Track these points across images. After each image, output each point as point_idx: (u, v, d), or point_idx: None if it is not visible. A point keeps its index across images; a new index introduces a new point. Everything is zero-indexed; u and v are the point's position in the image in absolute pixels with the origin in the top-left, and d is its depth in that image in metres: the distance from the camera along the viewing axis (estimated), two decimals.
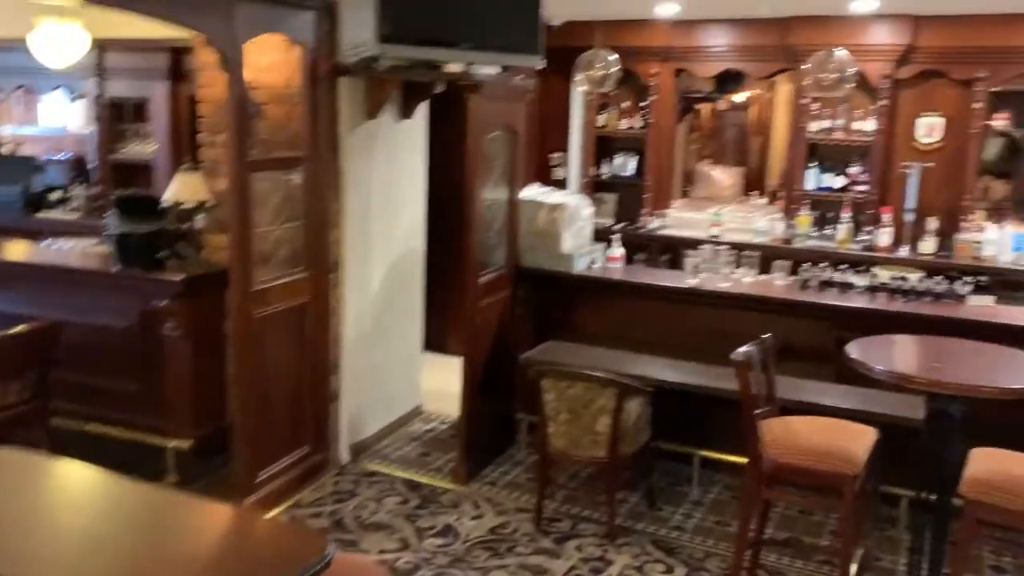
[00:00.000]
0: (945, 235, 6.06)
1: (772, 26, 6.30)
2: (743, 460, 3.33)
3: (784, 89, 7.63)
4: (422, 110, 4.94)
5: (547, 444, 4.05)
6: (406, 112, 4.74)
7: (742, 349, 3.19)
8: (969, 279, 4.54)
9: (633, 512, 4.21)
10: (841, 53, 4.28)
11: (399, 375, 5.22)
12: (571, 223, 4.82)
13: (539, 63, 4.36)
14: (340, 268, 4.47)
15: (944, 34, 5.91)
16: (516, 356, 4.59)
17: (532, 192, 4.95)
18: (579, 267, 4.86)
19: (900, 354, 3.50)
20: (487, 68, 4.32)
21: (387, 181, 4.80)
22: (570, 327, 4.88)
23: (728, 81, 7.45)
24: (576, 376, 3.93)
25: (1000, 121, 6.44)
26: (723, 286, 4.61)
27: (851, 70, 4.28)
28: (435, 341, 6.06)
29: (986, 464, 2.94)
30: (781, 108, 7.87)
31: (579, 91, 6.88)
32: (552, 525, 4.05)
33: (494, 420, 4.77)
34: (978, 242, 5.92)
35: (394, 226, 4.93)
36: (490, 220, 4.63)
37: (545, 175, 6.99)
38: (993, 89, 5.95)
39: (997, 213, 6.42)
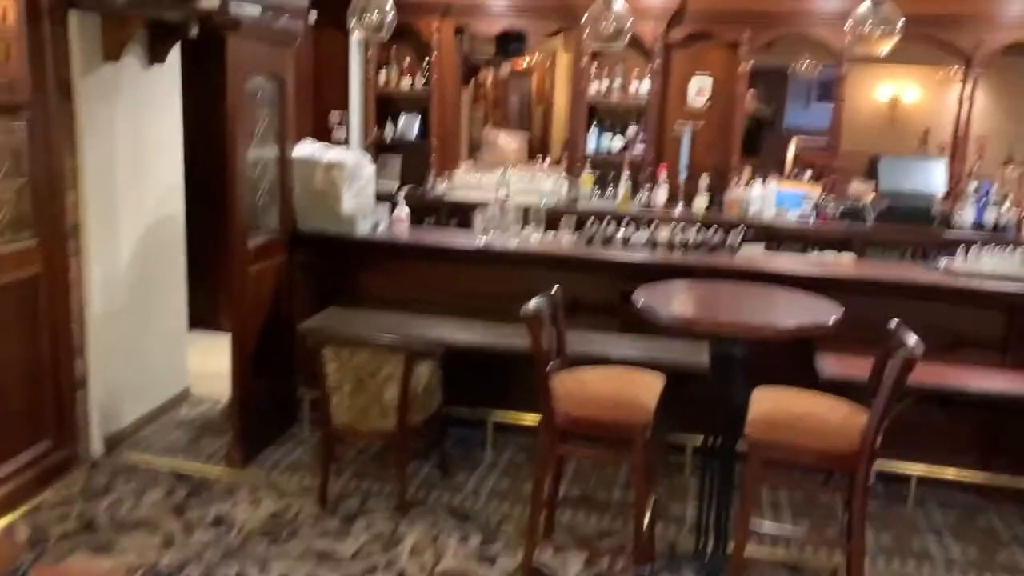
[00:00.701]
0: (716, 192, 6.32)
1: None
2: (535, 421, 3.21)
3: (564, 57, 7.67)
4: (175, 55, 4.40)
5: (331, 419, 3.74)
6: (156, 56, 4.19)
7: (532, 303, 3.05)
8: (739, 231, 4.71)
9: (426, 482, 4.01)
10: (618, 5, 4.24)
11: (161, 355, 4.67)
12: (351, 182, 4.48)
13: (304, 3, 3.98)
14: (80, 234, 3.88)
15: None
16: (295, 327, 4.22)
17: (307, 149, 4.56)
18: (362, 230, 4.54)
19: (683, 300, 3.51)
20: (248, 8, 3.88)
21: (135, 134, 4.23)
22: (354, 293, 4.57)
23: (510, 42, 7.35)
24: (360, 342, 3.65)
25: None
26: (511, 244, 4.49)
27: (628, 22, 4.25)
28: (204, 317, 5.53)
29: (767, 404, 2.99)
30: (561, 76, 7.92)
31: (355, 40, 6.50)
32: (339, 504, 3.76)
33: (272, 398, 4.38)
34: (745, 199, 6.22)
35: (146, 186, 4.37)
36: (258, 178, 4.20)
37: (325, 135, 6.56)
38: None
39: (761, 171, 6.78)
